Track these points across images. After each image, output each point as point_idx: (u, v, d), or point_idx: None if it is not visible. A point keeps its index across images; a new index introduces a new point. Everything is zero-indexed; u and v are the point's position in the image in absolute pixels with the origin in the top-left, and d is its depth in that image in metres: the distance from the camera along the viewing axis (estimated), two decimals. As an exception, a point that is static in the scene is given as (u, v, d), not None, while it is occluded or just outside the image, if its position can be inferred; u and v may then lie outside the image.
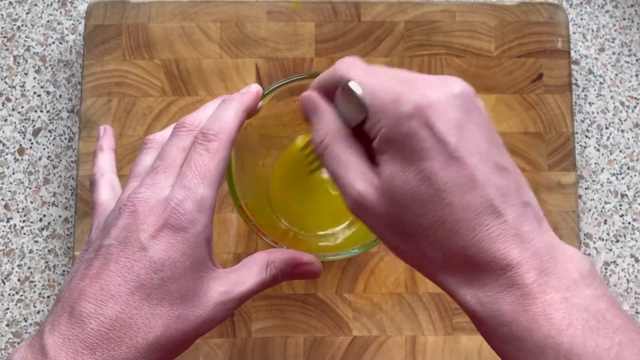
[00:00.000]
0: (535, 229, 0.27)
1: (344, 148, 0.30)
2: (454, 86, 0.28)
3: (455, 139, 0.27)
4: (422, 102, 0.27)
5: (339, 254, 0.39)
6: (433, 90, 0.28)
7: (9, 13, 0.53)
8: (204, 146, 0.32)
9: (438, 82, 0.28)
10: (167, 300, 0.29)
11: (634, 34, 0.53)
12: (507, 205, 0.27)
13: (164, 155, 0.33)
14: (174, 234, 0.30)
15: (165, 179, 0.32)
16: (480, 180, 0.27)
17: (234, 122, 0.33)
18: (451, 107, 0.27)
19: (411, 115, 0.27)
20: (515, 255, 0.26)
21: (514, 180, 0.28)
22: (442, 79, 0.29)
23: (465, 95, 0.28)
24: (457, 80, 0.29)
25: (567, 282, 0.26)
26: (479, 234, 0.27)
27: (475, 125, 0.28)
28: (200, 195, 0.31)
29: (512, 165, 0.28)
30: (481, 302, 0.27)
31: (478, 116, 0.28)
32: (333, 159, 0.30)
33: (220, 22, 0.51)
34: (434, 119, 0.27)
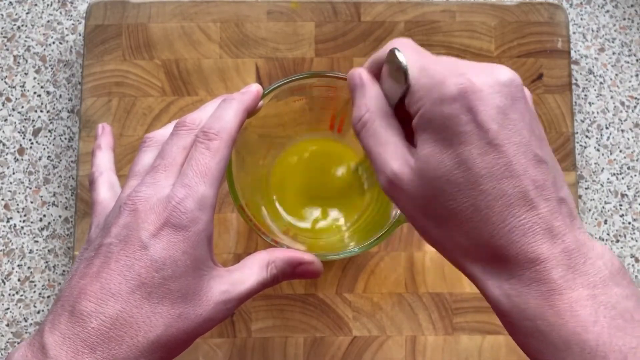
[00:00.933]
0: (567, 225, 0.27)
1: (383, 126, 0.30)
2: (502, 74, 0.28)
3: (496, 126, 0.27)
4: (467, 86, 0.27)
5: (339, 254, 0.39)
6: (480, 76, 0.27)
7: (9, 13, 0.53)
8: (205, 145, 0.32)
9: (486, 69, 0.28)
10: (168, 299, 0.29)
11: (634, 34, 0.53)
12: (542, 199, 0.27)
13: (165, 154, 0.33)
14: (175, 233, 0.30)
15: (166, 177, 0.32)
16: (517, 170, 0.27)
17: (235, 121, 0.33)
18: (496, 94, 0.27)
19: (454, 98, 0.27)
20: (544, 250, 0.26)
21: (551, 174, 0.28)
22: (490, 66, 0.28)
23: (512, 83, 0.28)
24: (505, 68, 0.28)
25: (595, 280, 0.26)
26: (510, 224, 0.26)
27: (518, 114, 0.27)
28: (201, 194, 0.31)
29: (552, 159, 0.28)
30: (506, 294, 0.27)
31: (523, 106, 0.28)
32: (371, 137, 0.30)
33: (220, 22, 0.51)
34: (477, 104, 0.27)
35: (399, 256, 0.48)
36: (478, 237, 0.27)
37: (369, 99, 0.31)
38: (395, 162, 0.29)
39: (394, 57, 0.29)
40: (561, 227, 0.27)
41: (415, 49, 0.30)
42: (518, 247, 0.26)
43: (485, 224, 0.27)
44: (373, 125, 0.30)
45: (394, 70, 0.29)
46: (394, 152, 0.29)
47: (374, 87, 0.31)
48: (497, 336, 0.47)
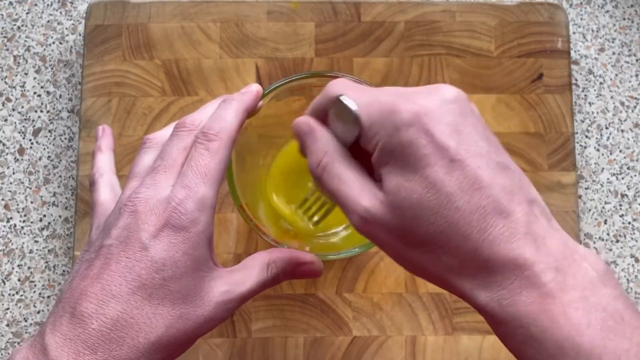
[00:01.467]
0: (545, 227, 0.27)
1: (343, 166, 0.30)
2: (447, 92, 0.28)
3: (454, 142, 0.27)
4: (419, 110, 0.27)
5: (339, 254, 0.39)
6: (427, 99, 0.28)
7: (9, 13, 0.53)
8: (205, 146, 0.32)
9: (430, 91, 0.29)
10: (169, 299, 0.29)
11: (634, 34, 0.53)
12: (515, 204, 0.27)
13: (165, 155, 0.33)
14: (175, 234, 0.30)
15: (166, 178, 0.32)
16: (485, 181, 0.27)
17: (235, 121, 0.33)
18: (447, 112, 0.28)
19: (409, 123, 0.27)
20: (529, 255, 0.26)
21: (517, 178, 0.28)
22: (434, 87, 0.29)
23: (459, 99, 0.28)
24: (448, 86, 0.29)
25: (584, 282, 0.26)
26: (490, 235, 0.26)
27: (472, 127, 0.28)
28: (201, 194, 0.31)
29: (512, 163, 0.29)
30: (499, 304, 0.27)
31: (474, 119, 0.28)
32: (333, 178, 0.30)
33: (220, 22, 0.51)
34: (432, 125, 0.27)
35: (399, 256, 0.48)
36: (463, 253, 0.27)
37: (324, 143, 0.31)
38: (365, 199, 0.29)
39: (341, 104, 0.29)
40: (540, 229, 0.27)
41: (355, 88, 0.30)
42: (503, 255, 0.26)
43: (467, 239, 0.27)
44: (334, 167, 0.30)
45: (343, 114, 0.29)
46: (361, 189, 0.29)
47: (324, 131, 0.31)
48: (497, 336, 0.47)
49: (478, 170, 0.27)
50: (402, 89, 0.30)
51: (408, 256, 0.29)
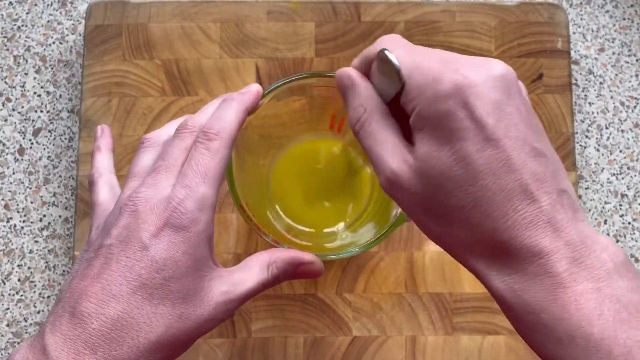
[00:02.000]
0: (569, 218, 0.27)
1: (381, 125, 0.30)
2: (496, 68, 0.28)
3: (493, 121, 0.27)
4: (462, 82, 0.27)
5: (339, 254, 0.39)
6: (474, 71, 0.27)
7: (9, 13, 0.53)
8: (205, 145, 0.32)
9: (479, 63, 0.28)
10: (169, 299, 0.29)
11: (633, 34, 0.53)
12: (542, 192, 0.27)
13: (166, 155, 0.33)
14: (175, 233, 0.30)
15: (167, 178, 0.32)
16: (516, 164, 0.26)
17: (235, 121, 0.33)
18: (491, 89, 0.27)
19: (450, 94, 0.27)
20: (547, 243, 0.26)
21: (551, 167, 0.27)
22: (484, 60, 0.28)
23: (507, 77, 0.28)
24: (498, 62, 0.28)
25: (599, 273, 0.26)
26: (511, 218, 0.26)
27: (514, 108, 0.27)
28: (201, 194, 0.31)
29: (550, 151, 0.28)
30: (511, 289, 0.27)
31: (518, 99, 0.28)
32: (369, 136, 0.30)
33: (220, 22, 0.51)
34: (473, 99, 0.27)
35: (399, 256, 0.48)
36: (480, 232, 0.27)
37: (365, 98, 0.31)
38: (394, 161, 0.29)
39: (385, 57, 0.29)
40: (563, 220, 0.26)
41: (405, 46, 0.30)
42: (521, 240, 0.26)
43: (487, 219, 0.27)
44: (371, 125, 0.30)
45: (386, 68, 0.29)
46: (392, 151, 0.29)
47: (367, 86, 0.31)
48: (497, 336, 0.47)
49: (512, 152, 0.26)
50: (452, 55, 0.29)
51: (428, 224, 0.29)
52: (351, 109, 0.31)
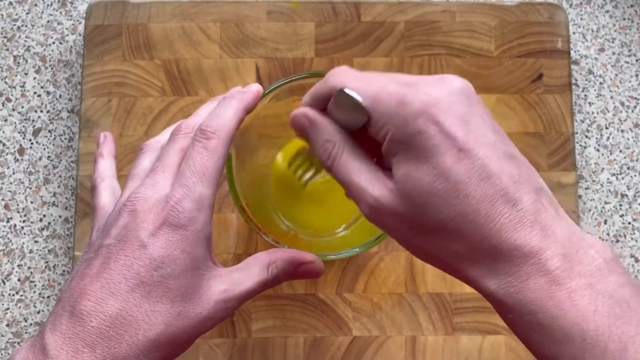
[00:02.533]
0: (553, 216, 0.27)
1: (353, 156, 0.30)
2: (454, 83, 0.29)
3: (462, 132, 0.27)
4: (428, 100, 0.28)
5: (340, 253, 0.39)
6: (435, 89, 0.28)
7: (9, 13, 0.53)
8: (203, 144, 0.32)
9: (437, 81, 0.29)
10: (168, 297, 0.30)
11: (633, 34, 0.53)
12: (522, 193, 0.27)
13: (163, 157, 0.33)
14: (173, 232, 0.30)
15: (165, 178, 0.32)
16: (493, 169, 0.27)
17: (234, 120, 0.34)
18: (455, 103, 0.28)
19: (418, 114, 0.28)
20: (537, 242, 0.26)
21: (524, 167, 0.28)
22: (440, 77, 0.29)
23: (466, 90, 0.29)
24: (454, 77, 0.29)
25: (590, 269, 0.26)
26: (498, 222, 0.27)
27: (479, 117, 0.28)
28: (198, 193, 0.31)
29: (519, 153, 0.29)
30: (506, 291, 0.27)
31: (480, 109, 0.29)
32: (344, 169, 0.30)
33: (220, 22, 0.51)
34: (440, 115, 0.27)
35: (399, 256, 0.48)
36: (471, 241, 0.27)
37: (329, 133, 0.31)
38: (374, 188, 0.29)
39: (346, 96, 0.29)
40: (547, 217, 0.27)
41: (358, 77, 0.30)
42: (511, 242, 0.27)
43: (475, 226, 0.27)
44: (342, 156, 0.30)
45: (345, 104, 0.30)
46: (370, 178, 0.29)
47: (327, 122, 0.31)
48: (497, 336, 0.47)
49: (486, 159, 0.27)
50: (407, 78, 0.30)
51: (417, 243, 0.29)
52: (318, 146, 0.31)
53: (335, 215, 0.47)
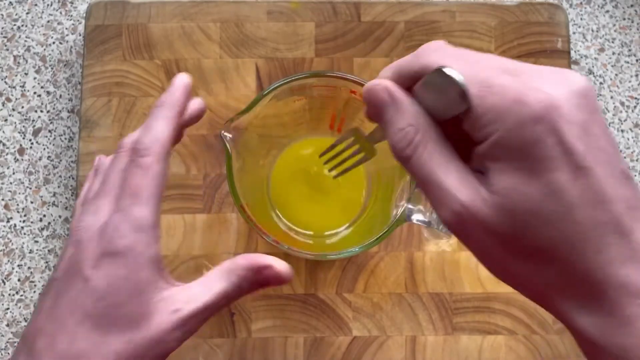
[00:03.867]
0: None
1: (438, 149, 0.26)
2: (576, 82, 0.25)
3: (583, 147, 0.24)
4: (550, 103, 0.23)
5: (339, 253, 0.39)
6: (556, 87, 0.24)
7: (9, 13, 0.53)
8: (136, 163, 0.31)
9: (558, 77, 0.25)
10: (116, 326, 0.29)
11: (633, 34, 0.53)
12: (635, 221, 0.24)
13: (105, 180, 0.32)
14: (113, 260, 0.29)
15: (108, 202, 0.31)
16: (609, 194, 0.24)
17: (166, 130, 0.32)
18: (577, 108, 0.24)
19: (538, 119, 0.23)
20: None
21: (637, 189, 0.25)
22: (559, 72, 0.25)
23: (589, 92, 0.25)
24: (575, 74, 0.25)
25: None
26: (606, 255, 0.24)
27: (599, 128, 0.24)
28: (135, 216, 0.30)
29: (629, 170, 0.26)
30: (602, 332, 0.24)
31: (600, 117, 0.25)
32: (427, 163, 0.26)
33: (220, 22, 0.51)
34: (562, 123, 0.23)
35: (399, 256, 0.48)
36: (572, 272, 0.24)
37: (413, 116, 0.26)
38: (463, 193, 0.25)
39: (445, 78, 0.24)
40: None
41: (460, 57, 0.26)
42: (617, 279, 0.24)
43: (580, 257, 0.24)
44: (426, 149, 0.26)
45: (442, 87, 0.25)
46: (459, 180, 0.25)
47: (412, 103, 0.27)
48: (497, 336, 0.47)
49: (603, 180, 0.24)
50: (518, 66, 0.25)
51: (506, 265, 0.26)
52: (396, 129, 0.27)
53: (335, 215, 0.47)
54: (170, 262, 0.48)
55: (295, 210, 0.47)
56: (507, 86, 0.24)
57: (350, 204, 0.47)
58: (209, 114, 0.49)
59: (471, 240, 0.26)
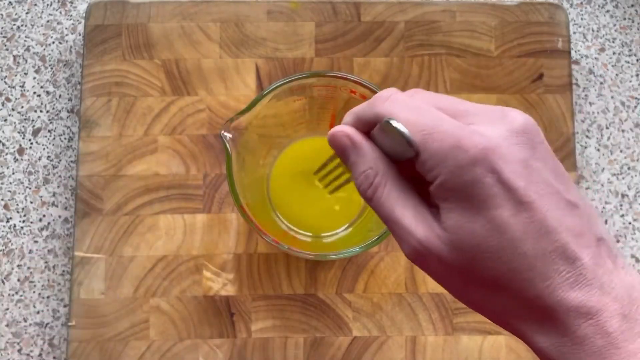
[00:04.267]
0: (611, 270, 0.25)
1: (396, 189, 0.28)
2: (516, 121, 0.26)
3: (523, 182, 0.25)
4: (486, 146, 0.25)
5: (339, 254, 0.39)
6: (494, 128, 0.25)
7: (9, 13, 0.53)
8: None
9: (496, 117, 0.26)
10: None
11: (634, 34, 0.53)
12: (582, 247, 0.25)
13: None
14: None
15: None
16: (553, 225, 0.25)
17: None
18: (516, 146, 0.25)
19: (475, 161, 0.25)
20: (594, 302, 0.24)
21: (586, 216, 0.26)
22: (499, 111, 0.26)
23: (529, 129, 0.26)
24: (517, 113, 0.26)
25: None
26: (554, 282, 0.25)
27: (542, 162, 0.26)
28: None
29: (581, 198, 0.26)
30: (560, 352, 0.25)
31: (543, 151, 0.26)
32: (385, 202, 0.27)
33: (220, 22, 0.51)
34: (500, 163, 0.25)
35: (399, 256, 0.48)
36: (523, 299, 0.25)
37: (372, 160, 0.28)
38: (419, 230, 0.27)
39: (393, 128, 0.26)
40: (606, 272, 0.25)
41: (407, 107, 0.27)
42: (567, 303, 0.25)
43: (529, 285, 0.25)
44: (385, 189, 0.28)
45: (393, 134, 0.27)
46: (415, 216, 0.27)
47: (371, 147, 0.28)
48: (497, 336, 0.47)
49: (547, 212, 0.25)
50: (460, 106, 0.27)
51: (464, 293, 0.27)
52: (358, 172, 0.28)
53: (335, 216, 0.47)
54: (170, 262, 0.48)
55: (295, 210, 0.47)
56: (447, 132, 0.25)
57: (350, 204, 0.47)
58: (209, 114, 0.49)
59: (430, 271, 0.28)
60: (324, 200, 0.47)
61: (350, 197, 0.47)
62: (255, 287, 0.47)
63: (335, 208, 0.47)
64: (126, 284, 0.47)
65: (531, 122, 0.26)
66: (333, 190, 0.38)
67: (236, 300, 0.47)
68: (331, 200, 0.47)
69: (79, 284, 0.47)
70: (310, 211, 0.47)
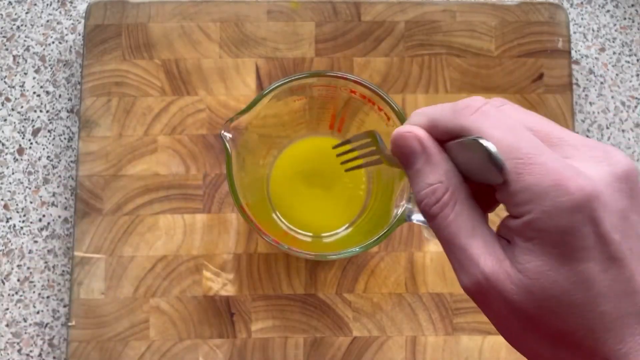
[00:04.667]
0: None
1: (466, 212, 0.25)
2: (620, 163, 0.24)
3: (618, 236, 0.23)
4: (590, 191, 0.22)
5: (339, 254, 0.39)
6: (597, 169, 0.23)
7: (9, 13, 0.53)
8: None
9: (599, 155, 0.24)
10: None
11: (634, 34, 0.53)
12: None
13: None
14: None
15: None
16: (637, 285, 0.23)
17: None
18: (617, 194, 0.23)
19: (577, 207, 0.22)
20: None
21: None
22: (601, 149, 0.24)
23: (631, 176, 0.24)
24: (620, 154, 0.24)
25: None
26: (627, 345, 0.23)
27: (638, 214, 0.24)
28: None
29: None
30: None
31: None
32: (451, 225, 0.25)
33: (220, 22, 0.51)
34: (601, 212, 0.23)
35: (399, 256, 0.48)
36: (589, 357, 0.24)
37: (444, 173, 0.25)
38: (487, 263, 0.24)
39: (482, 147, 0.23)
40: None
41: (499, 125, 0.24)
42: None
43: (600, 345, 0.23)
44: (454, 210, 0.25)
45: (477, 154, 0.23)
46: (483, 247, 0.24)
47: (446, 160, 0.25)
48: (498, 337, 0.47)
49: (635, 271, 0.23)
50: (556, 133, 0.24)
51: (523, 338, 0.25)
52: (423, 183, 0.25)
53: (335, 216, 0.47)
54: (170, 262, 0.48)
55: (296, 210, 0.47)
56: (546, 165, 0.23)
57: (351, 204, 0.47)
58: (209, 114, 0.49)
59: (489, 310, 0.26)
60: (324, 200, 0.47)
61: (351, 197, 0.47)
62: (255, 287, 0.47)
63: (336, 208, 0.47)
64: (126, 284, 0.47)
65: (633, 167, 0.24)
66: (349, 169, 0.36)
67: (236, 300, 0.47)
68: (331, 200, 0.47)
69: (79, 284, 0.47)
70: (310, 211, 0.47)
